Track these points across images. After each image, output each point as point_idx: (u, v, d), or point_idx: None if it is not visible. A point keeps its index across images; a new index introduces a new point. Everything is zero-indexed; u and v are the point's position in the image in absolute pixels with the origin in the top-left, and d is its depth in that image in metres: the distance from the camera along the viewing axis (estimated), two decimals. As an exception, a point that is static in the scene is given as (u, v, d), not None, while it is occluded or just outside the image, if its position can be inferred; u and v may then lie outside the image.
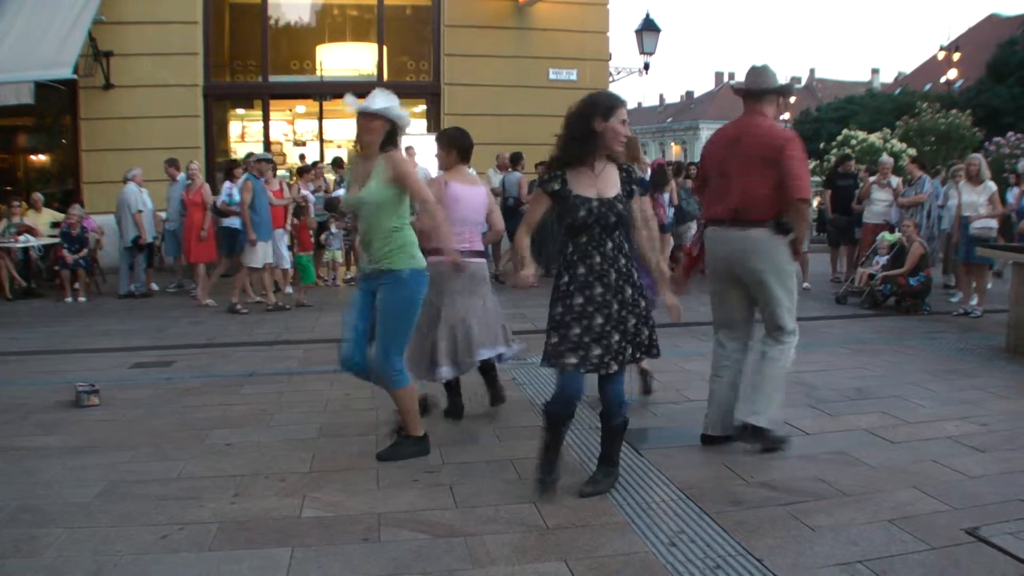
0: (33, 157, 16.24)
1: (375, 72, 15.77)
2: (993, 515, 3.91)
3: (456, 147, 5.47)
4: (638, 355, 4.15)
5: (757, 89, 4.95)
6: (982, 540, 3.65)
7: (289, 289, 11.66)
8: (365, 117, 4.58)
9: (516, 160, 13.13)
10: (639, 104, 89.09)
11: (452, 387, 5.62)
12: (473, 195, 5.43)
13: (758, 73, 4.98)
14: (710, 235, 4.99)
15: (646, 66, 17.94)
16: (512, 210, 12.06)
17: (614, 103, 4.01)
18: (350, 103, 4.72)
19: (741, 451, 4.86)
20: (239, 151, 16.02)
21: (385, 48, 15.71)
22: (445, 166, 5.52)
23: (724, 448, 4.93)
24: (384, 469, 4.61)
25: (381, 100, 4.54)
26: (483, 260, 5.61)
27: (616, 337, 3.99)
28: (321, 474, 4.56)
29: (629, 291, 4.02)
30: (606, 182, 4.03)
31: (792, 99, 60.49)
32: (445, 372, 5.32)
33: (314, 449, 4.98)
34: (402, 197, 4.63)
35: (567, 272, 4.01)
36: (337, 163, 14.23)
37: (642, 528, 3.82)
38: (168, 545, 3.68)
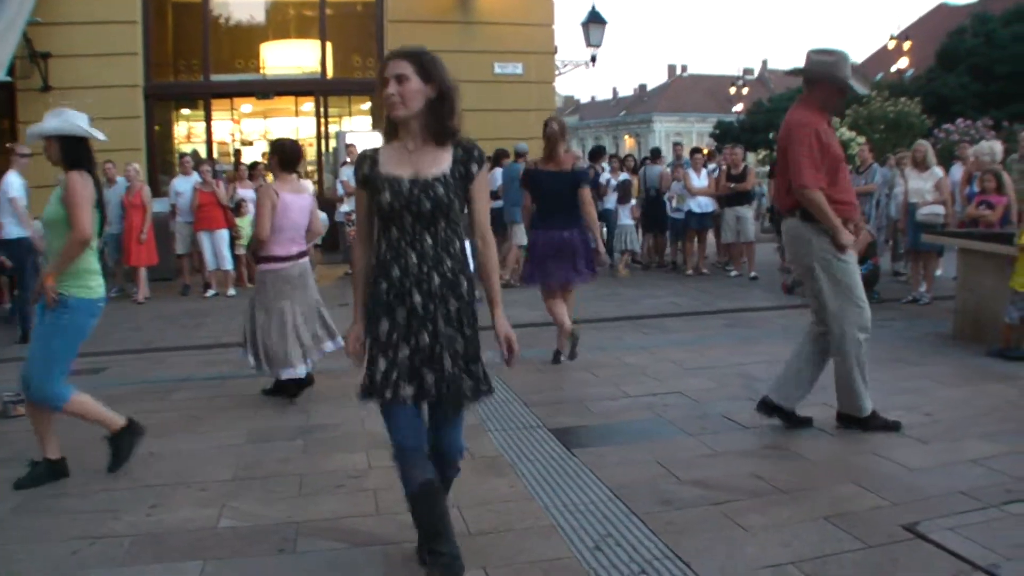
0: (-30, 162, 15.86)
1: (319, 70, 15.61)
2: (933, 509, 3.81)
3: (277, 155, 6.00)
4: (467, 394, 3.13)
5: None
6: (920, 536, 3.54)
7: (232, 291, 11.48)
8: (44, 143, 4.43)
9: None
10: (592, 98, 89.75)
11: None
12: (300, 202, 5.93)
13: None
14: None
15: (593, 59, 17.89)
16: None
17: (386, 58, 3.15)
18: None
19: (678, 448, 4.79)
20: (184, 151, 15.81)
21: (329, 45, 15.53)
22: (275, 176, 6.04)
23: (661, 445, 4.85)
24: (308, 475, 4.50)
25: (48, 123, 4.40)
26: (307, 259, 6.15)
27: (430, 377, 3.06)
28: (243, 481, 4.44)
29: (453, 307, 3.10)
30: (425, 160, 3.07)
31: (746, 90, 60.92)
32: (301, 370, 5.89)
33: (239, 455, 4.86)
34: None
35: (382, 277, 3.09)
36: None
37: (568, 532, 3.72)
38: (78, 561, 3.56)
